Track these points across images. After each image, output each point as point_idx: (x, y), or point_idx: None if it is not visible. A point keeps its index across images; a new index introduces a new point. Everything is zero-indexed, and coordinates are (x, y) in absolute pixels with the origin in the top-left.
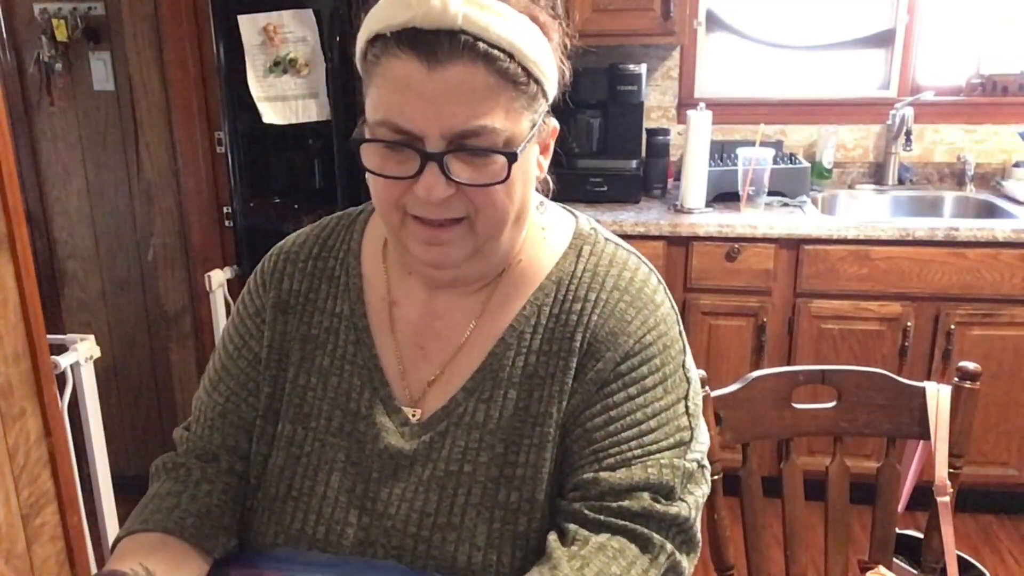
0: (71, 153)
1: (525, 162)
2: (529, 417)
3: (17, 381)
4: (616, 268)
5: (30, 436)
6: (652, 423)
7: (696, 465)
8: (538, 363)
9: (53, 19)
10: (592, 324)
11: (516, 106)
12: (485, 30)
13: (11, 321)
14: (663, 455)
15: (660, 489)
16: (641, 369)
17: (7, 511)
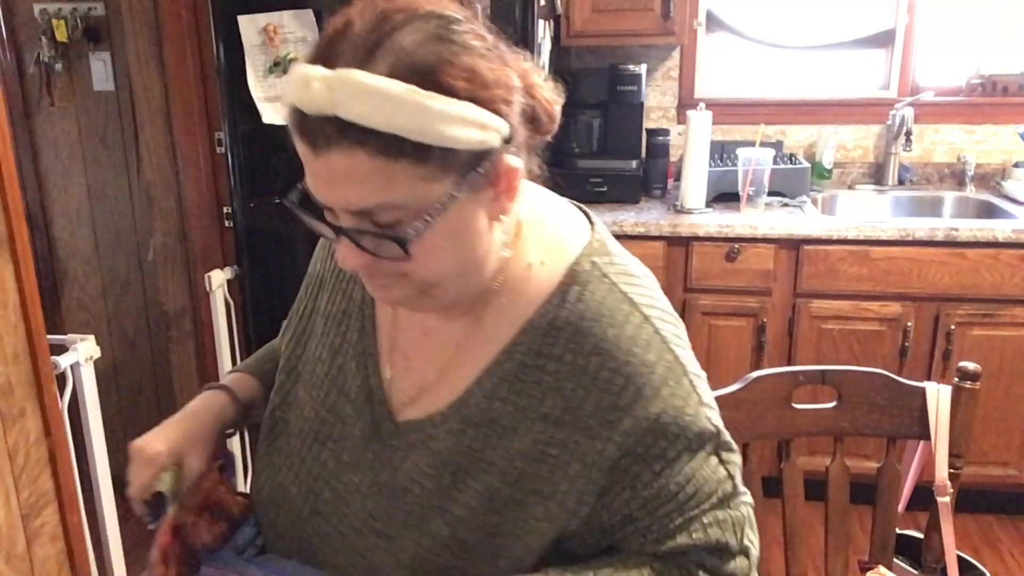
0: (71, 153)
1: (455, 222)
2: (481, 462)
3: (17, 381)
4: (601, 324)
5: (30, 436)
6: (688, 488)
7: (749, 508)
8: (503, 411)
9: (53, 19)
10: (568, 394)
11: (420, 175)
12: (361, 116)
13: (11, 321)
14: (706, 515)
15: (712, 549)
16: (658, 444)
17: (7, 511)
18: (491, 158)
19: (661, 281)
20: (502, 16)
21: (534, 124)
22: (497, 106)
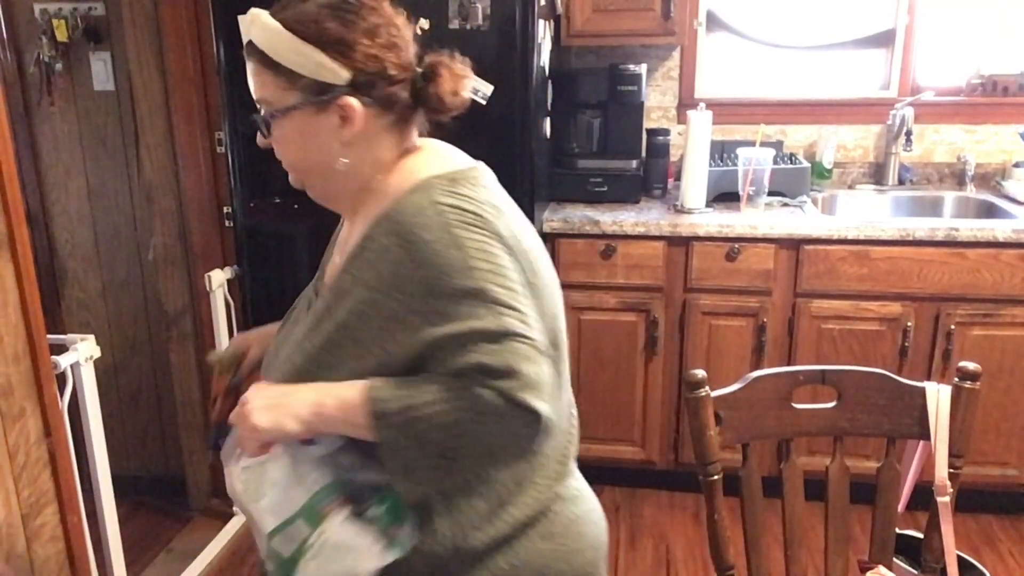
0: (71, 153)
1: (301, 125)
2: (329, 316)
3: (17, 381)
4: (405, 214)
5: (30, 436)
6: (464, 330)
7: (529, 347)
8: (345, 280)
9: (53, 19)
10: (378, 267)
11: (278, 84)
12: (256, 39)
13: (11, 321)
14: (482, 347)
15: (487, 370)
16: (436, 302)
17: (7, 511)
18: (332, 92)
19: (661, 281)
20: (502, 16)
21: (419, 96)
22: (338, 59)
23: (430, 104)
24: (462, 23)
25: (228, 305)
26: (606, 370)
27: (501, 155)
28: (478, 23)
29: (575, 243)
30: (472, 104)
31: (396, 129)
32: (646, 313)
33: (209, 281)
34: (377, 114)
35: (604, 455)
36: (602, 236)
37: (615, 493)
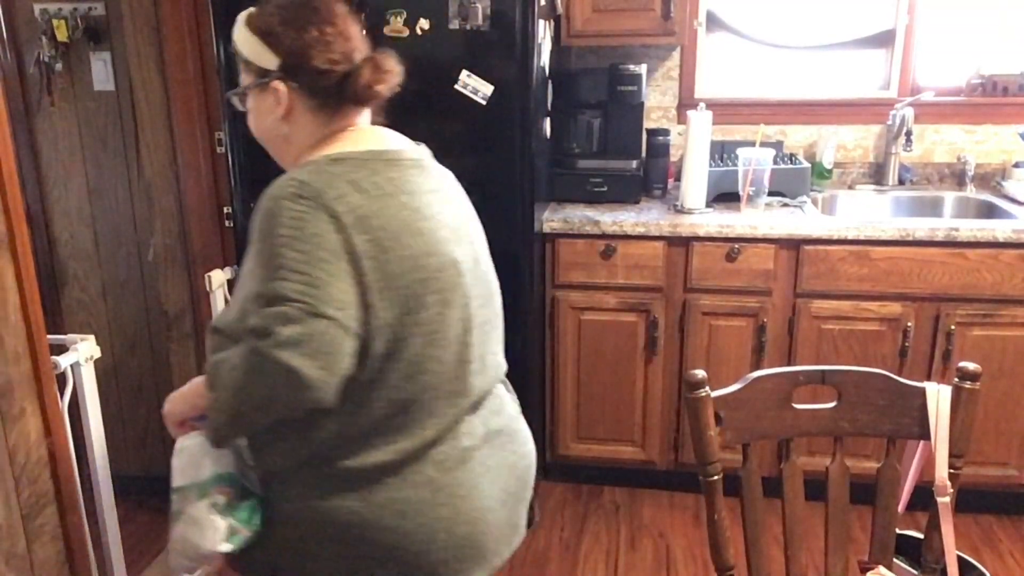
0: (71, 153)
1: (253, 103)
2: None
3: (17, 381)
4: (272, 185)
5: (30, 436)
6: (249, 290)
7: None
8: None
9: (53, 19)
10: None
11: (244, 69)
12: (233, 34)
13: (11, 321)
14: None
15: (258, 331)
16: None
17: (7, 511)
18: (269, 76)
19: (661, 281)
20: (502, 16)
21: (339, 86)
22: (271, 48)
23: (346, 94)
24: (462, 23)
25: (228, 305)
26: (606, 370)
27: (501, 155)
28: (478, 23)
29: (575, 243)
30: (472, 104)
31: (323, 112)
32: (646, 313)
33: (209, 281)
34: (303, 97)
35: (604, 455)
36: (602, 236)
37: (615, 493)
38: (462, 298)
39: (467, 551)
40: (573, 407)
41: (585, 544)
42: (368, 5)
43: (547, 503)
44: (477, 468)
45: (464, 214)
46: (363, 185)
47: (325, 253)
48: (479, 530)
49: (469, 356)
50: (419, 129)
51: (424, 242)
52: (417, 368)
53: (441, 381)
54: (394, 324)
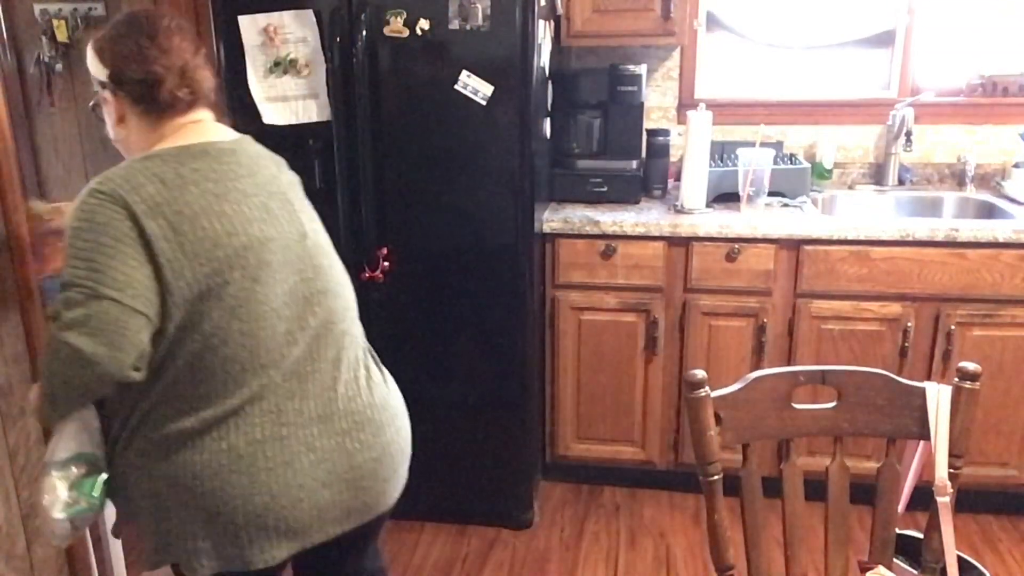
0: (71, 154)
1: (104, 116)
2: None
3: (17, 381)
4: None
5: (30, 436)
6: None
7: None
8: None
9: (53, 19)
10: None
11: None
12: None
13: (11, 322)
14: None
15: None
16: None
17: (7, 511)
18: (104, 88)
19: (661, 281)
20: (502, 16)
21: (155, 91)
22: (101, 61)
23: (150, 101)
24: (462, 23)
25: None
26: (606, 370)
27: (501, 155)
28: (478, 23)
29: (575, 243)
30: (472, 104)
31: (148, 116)
32: (646, 313)
33: None
34: (130, 104)
35: (604, 455)
36: (602, 236)
37: (615, 493)
38: (277, 274)
39: (267, 522)
40: (573, 407)
41: (585, 544)
42: (368, 5)
43: (547, 503)
44: (295, 446)
45: (286, 196)
46: (165, 176)
47: (109, 239)
48: (282, 504)
49: (285, 328)
50: (419, 129)
51: (227, 223)
52: (219, 340)
53: (248, 353)
54: (194, 299)
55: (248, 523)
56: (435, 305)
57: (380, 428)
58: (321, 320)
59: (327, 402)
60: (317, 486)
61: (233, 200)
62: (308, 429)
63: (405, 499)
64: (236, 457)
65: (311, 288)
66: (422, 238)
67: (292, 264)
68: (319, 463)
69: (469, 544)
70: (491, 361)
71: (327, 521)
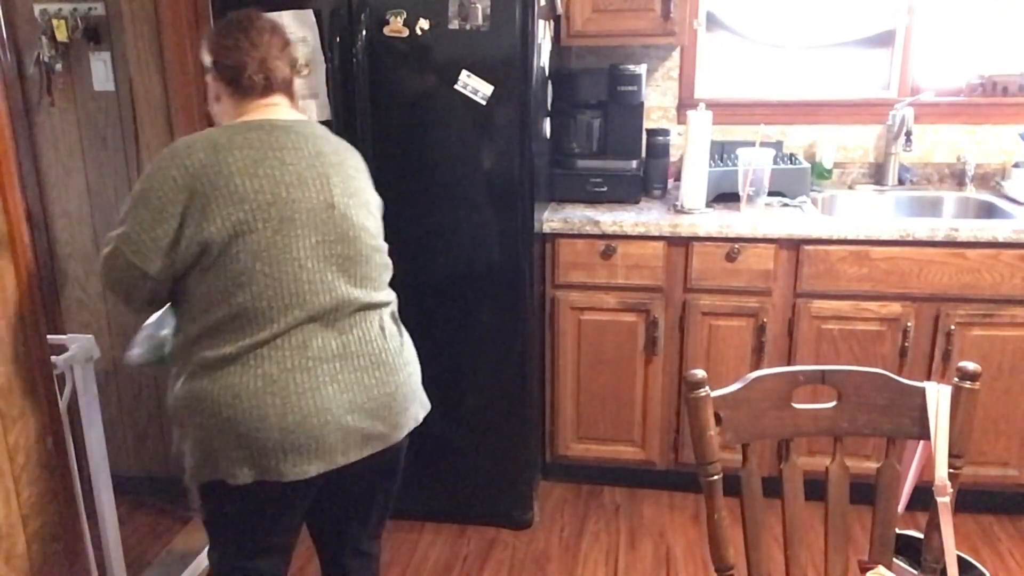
0: (71, 153)
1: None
2: None
3: (17, 381)
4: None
5: (30, 436)
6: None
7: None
8: None
9: (53, 19)
10: None
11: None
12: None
13: (11, 321)
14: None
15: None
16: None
17: (7, 511)
18: (208, 71)
19: (661, 281)
20: (502, 16)
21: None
22: (208, 50)
23: (236, 85)
24: (462, 23)
25: None
26: (606, 370)
27: (501, 155)
28: (478, 23)
29: (575, 243)
30: (472, 104)
31: (235, 97)
32: (646, 313)
33: None
34: (224, 86)
35: (604, 455)
36: (602, 236)
37: (615, 493)
38: (298, 230)
39: (298, 439)
40: (573, 407)
41: (585, 544)
42: (368, 5)
43: (547, 503)
44: (322, 376)
45: (324, 171)
46: (219, 142)
47: (152, 196)
48: (312, 424)
49: (307, 278)
50: (419, 129)
51: (258, 183)
52: (247, 279)
53: (273, 293)
54: (224, 242)
55: (283, 438)
56: (435, 305)
57: (393, 370)
58: (341, 279)
59: (346, 343)
60: (341, 412)
61: (268, 165)
62: (331, 364)
63: (405, 499)
64: (271, 381)
65: (332, 251)
66: (422, 238)
67: (315, 226)
68: (342, 392)
69: (469, 544)
70: (491, 361)
71: (350, 444)
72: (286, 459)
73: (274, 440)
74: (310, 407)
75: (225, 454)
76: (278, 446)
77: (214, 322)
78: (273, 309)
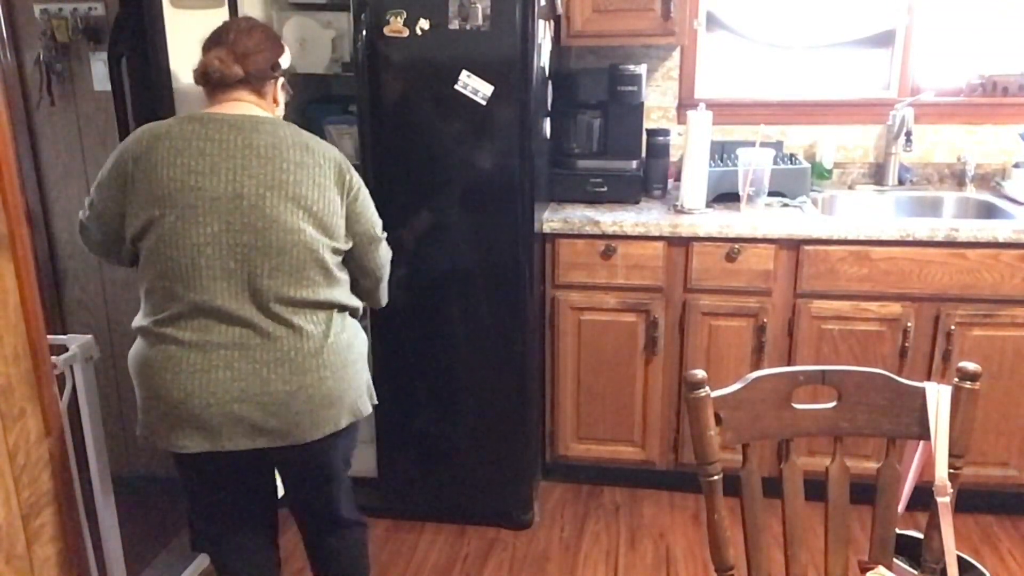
0: (71, 153)
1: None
2: None
3: (17, 381)
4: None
5: (30, 436)
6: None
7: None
8: None
9: (53, 19)
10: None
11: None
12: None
13: (11, 321)
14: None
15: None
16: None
17: (7, 511)
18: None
19: (661, 281)
20: (502, 16)
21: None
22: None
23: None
24: (462, 23)
25: None
26: (606, 370)
27: (501, 155)
28: (478, 23)
29: (575, 243)
30: (472, 104)
31: (205, 90)
32: (646, 313)
33: None
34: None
35: (604, 455)
36: (602, 236)
37: (615, 493)
38: (200, 218)
39: (181, 415)
40: (573, 407)
41: (585, 544)
42: (368, 5)
43: (547, 503)
44: (216, 361)
45: (245, 162)
46: (159, 133)
47: (107, 175)
48: (194, 403)
49: (206, 263)
50: (419, 129)
51: (174, 172)
52: (156, 259)
53: (176, 275)
54: (144, 222)
55: (169, 411)
56: (435, 305)
57: (301, 370)
58: (245, 269)
59: (247, 335)
60: (228, 399)
61: (187, 155)
62: (230, 351)
63: (405, 499)
64: (168, 356)
65: (237, 240)
66: (422, 238)
67: (219, 214)
68: (233, 380)
69: (469, 544)
70: (491, 361)
71: (237, 432)
72: (172, 431)
73: (162, 412)
74: (194, 386)
75: (143, 415)
76: (166, 418)
77: (143, 294)
78: (176, 289)
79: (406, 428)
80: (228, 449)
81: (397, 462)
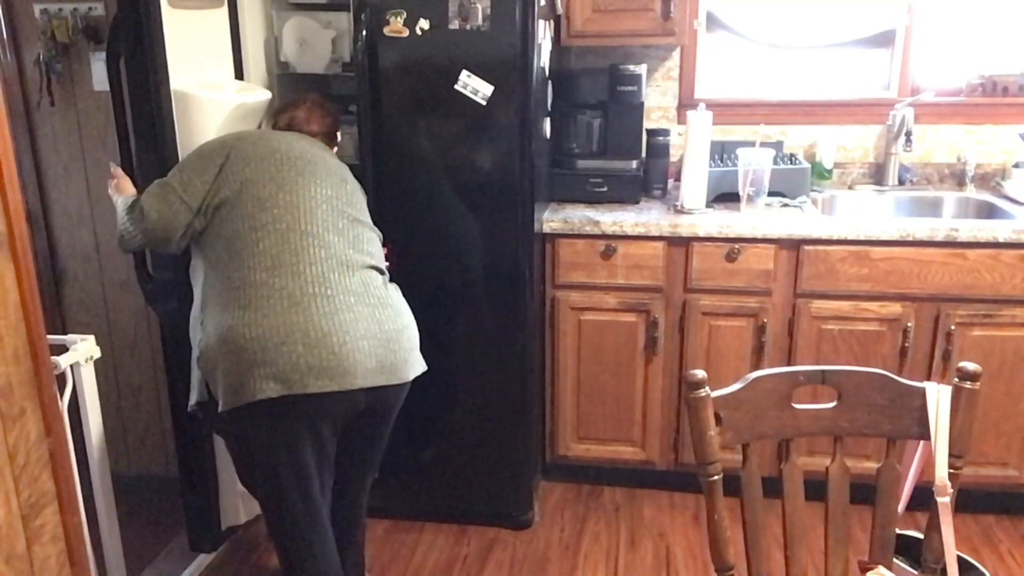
0: (71, 153)
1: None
2: None
3: (17, 381)
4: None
5: (30, 436)
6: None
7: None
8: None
9: (53, 19)
10: None
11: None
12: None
13: (11, 321)
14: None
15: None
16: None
17: (7, 511)
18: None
19: (661, 281)
20: (502, 16)
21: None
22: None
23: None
24: (462, 23)
25: None
26: (606, 370)
27: (501, 155)
28: (478, 23)
29: (575, 243)
30: (472, 104)
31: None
32: (646, 313)
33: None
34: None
35: (604, 455)
36: (602, 236)
37: (615, 493)
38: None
39: (320, 354)
40: (573, 407)
41: (585, 544)
42: (368, 5)
43: (547, 503)
44: (340, 305)
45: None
46: (250, 137)
47: (197, 159)
48: (332, 341)
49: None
50: (419, 129)
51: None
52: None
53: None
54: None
55: (307, 352)
56: (435, 305)
57: (397, 312)
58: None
59: (358, 284)
60: (357, 336)
61: (261, 159)
62: (347, 297)
63: (405, 499)
64: (295, 302)
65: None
66: (422, 238)
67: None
68: (357, 321)
69: (469, 544)
70: (491, 361)
71: (368, 369)
72: (309, 372)
73: (297, 354)
74: (331, 326)
75: (252, 374)
76: (301, 360)
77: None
78: (284, 245)
79: (406, 428)
80: (359, 386)
81: (397, 462)
